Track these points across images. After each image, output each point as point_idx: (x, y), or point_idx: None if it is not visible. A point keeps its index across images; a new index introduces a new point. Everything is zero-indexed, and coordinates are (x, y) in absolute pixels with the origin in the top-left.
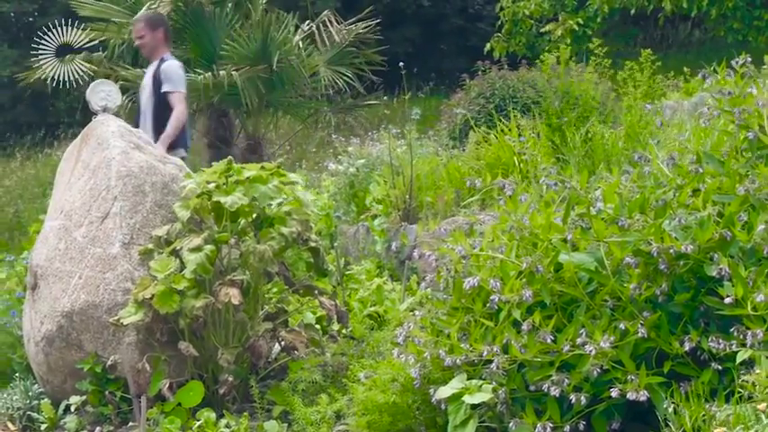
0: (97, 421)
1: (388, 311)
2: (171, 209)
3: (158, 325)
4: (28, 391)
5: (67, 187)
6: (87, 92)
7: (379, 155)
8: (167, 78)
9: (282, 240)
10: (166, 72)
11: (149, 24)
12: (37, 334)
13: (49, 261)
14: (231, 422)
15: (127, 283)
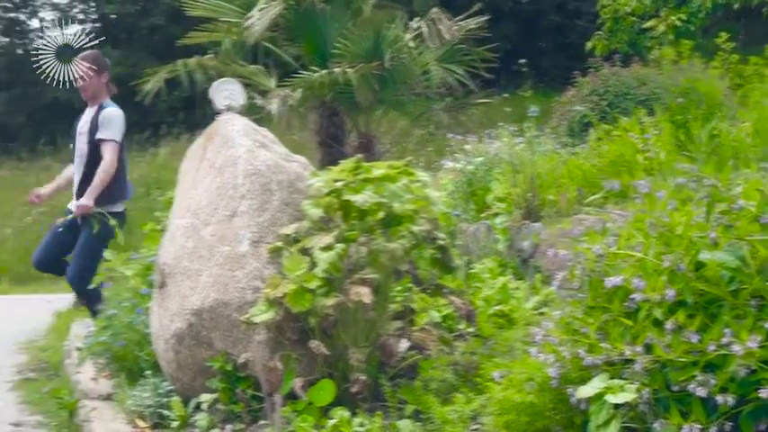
0: (228, 419)
1: (515, 310)
2: (297, 207)
3: (289, 323)
4: (158, 388)
5: (193, 186)
6: (211, 91)
7: (497, 152)
8: (105, 125)
9: (413, 239)
10: (106, 118)
11: (97, 66)
12: (166, 332)
13: (177, 259)
14: (364, 421)
15: (256, 281)
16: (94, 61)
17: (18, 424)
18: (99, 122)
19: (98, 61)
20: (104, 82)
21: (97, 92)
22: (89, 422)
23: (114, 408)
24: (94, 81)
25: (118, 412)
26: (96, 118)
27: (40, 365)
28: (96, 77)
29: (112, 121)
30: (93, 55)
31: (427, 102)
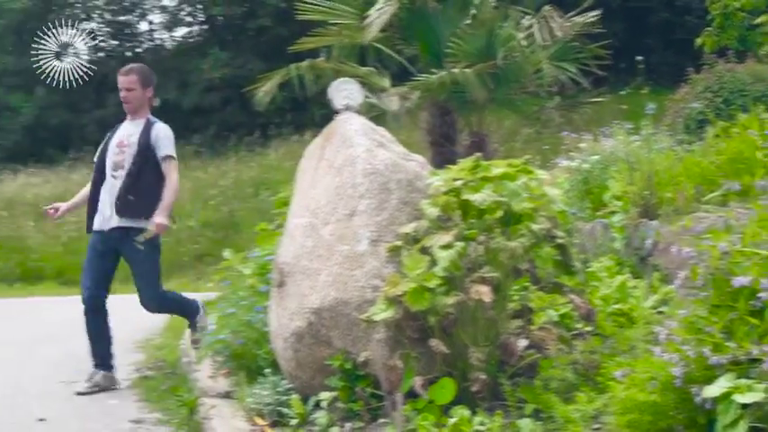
0: (347, 417)
1: (634, 309)
2: (416, 206)
3: (408, 322)
4: (277, 386)
5: (311, 185)
6: (330, 91)
7: (613, 150)
8: (165, 142)
9: (532, 237)
10: (164, 134)
11: (142, 79)
12: (285, 330)
13: (297, 258)
14: (485, 420)
15: (375, 280)
16: (140, 74)
17: (138, 421)
18: (155, 138)
19: (144, 75)
20: (148, 96)
21: (140, 105)
22: (209, 419)
23: (233, 405)
24: (138, 94)
25: (237, 410)
26: (148, 133)
27: (157, 364)
28: (141, 91)
29: (170, 138)
30: (140, 68)
31: (538, 100)
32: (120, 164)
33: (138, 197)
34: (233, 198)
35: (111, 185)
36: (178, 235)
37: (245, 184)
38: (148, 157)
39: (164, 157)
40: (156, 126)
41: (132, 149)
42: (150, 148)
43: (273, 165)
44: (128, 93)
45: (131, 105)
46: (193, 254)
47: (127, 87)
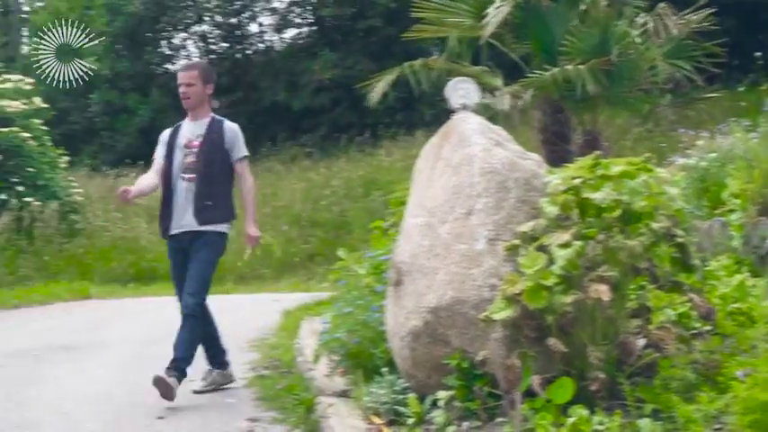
0: (464, 416)
1: (754, 308)
2: (533, 205)
3: (526, 321)
4: (393, 385)
5: (428, 185)
6: (446, 90)
7: (731, 148)
8: (238, 142)
9: (652, 236)
10: (235, 134)
11: (203, 75)
12: (402, 329)
13: (414, 257)
14: (603, 419)
15: (493, 279)
16: (201, 70)
17: (254, 419)
18: (231, 138)
19: (205, 71)
20: (208, 94)
21: (199, 102)
22: (326, 418)
23: (350, 404)
24: (198, 91)
25: (353, 409)
26: (220, 132)
27: (272, 363)
28: (201, 87)
29: (240, 138)
30: (201, 65)
31: (651, 98)
32: (191, 166)
33: (216, 201)
34: (344, 198)
35: (184, 189)
36: (289, 235)
37: (355, 184)
38: (221, 158)
39: (240, 158)
40: (228, 125)
41: (203, 150)
42: (222, 149)
43: (384, 165)
44: (188, 88)
45: (191, 101)
46: (304, 254)
47: (187, 83)
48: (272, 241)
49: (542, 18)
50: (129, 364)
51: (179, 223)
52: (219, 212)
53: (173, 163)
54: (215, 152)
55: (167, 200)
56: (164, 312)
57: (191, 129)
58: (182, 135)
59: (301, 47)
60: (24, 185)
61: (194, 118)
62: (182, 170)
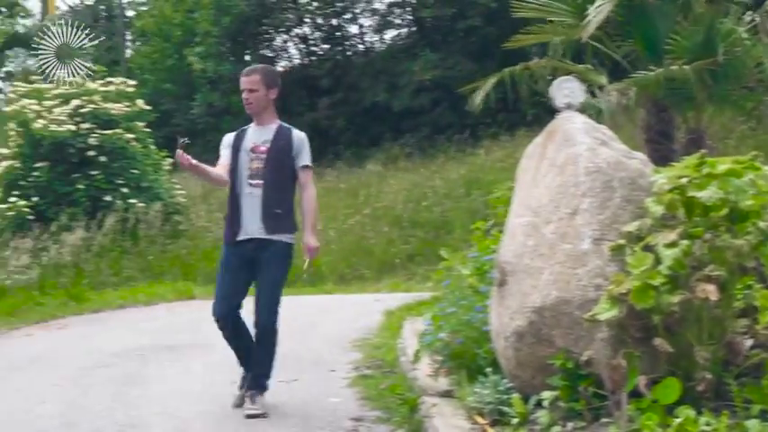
0: (568, 417)
1: None
2: (639, 204)
3: (632, 321)
4: (497, 385)
5: (533, 184)
6: (551, 89)
7: None
8: (307, 152)
9: (759, 235)
10: (303, 142)
11: (265, 80)
12: (506, 329)
13: (518, 257)
14: (711, 420)
15: (597, 278)
16: (264, 75)
17: (358, 419)
18: (298, 146)
19: (268, 75)
20: (272, 99)
21: (263, 107)
22: (430, 418)
23: (453, 404)
24: (261, 95)
25: (457, 408)
26: (287, 139)
27: (374, 362)
28: (264, 92)
29: (307, 146)
30: (263, 69)
31: (756, 95)
32: (257, 171)
33: (284, 210)
34: (444, 198)
35: (250, 195)
36: (390, 236)
37: (455, 184)
38: (286, 165)
39: (304, 166)
40: (296, 133)
41: (270, 156)
42: (290, 156)
43: (484, 165)
44: (250, 93)
45: (253, 106)
46: (405, 254)
47: (249, 88)
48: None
49: (646, 16)
50: (233, 364)
51: (246, 231)
52: (288, 222)
53: (237, 167)
54: (283, 158)
55: (234, 205)
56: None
57: (257, 134)
58: (247, 139)
59: (401, 47)
60: (128, 187)
61: (260, 123)
62: (248, 175)
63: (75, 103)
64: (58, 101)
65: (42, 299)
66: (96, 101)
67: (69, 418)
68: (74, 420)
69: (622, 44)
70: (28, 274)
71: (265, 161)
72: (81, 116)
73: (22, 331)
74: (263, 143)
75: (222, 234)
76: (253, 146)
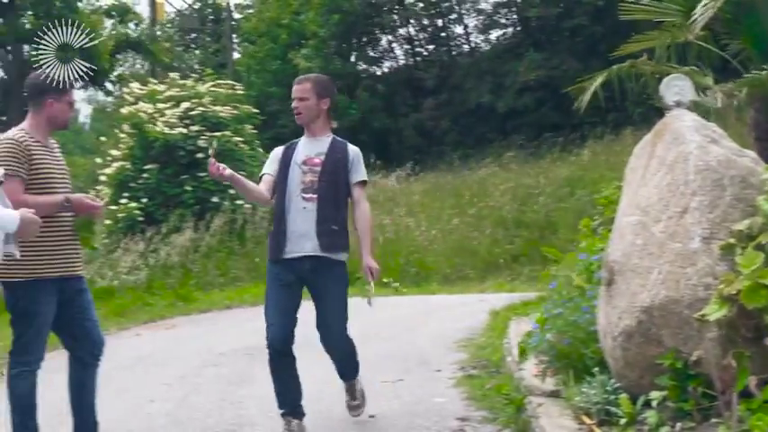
0: (677, 417)
1: None
2: (750, 202)
3: (743, 320)
4: (605, 385)
5: (642, 183)
6: (660, 88)
7: None
8: (362, 167)
9: None
10: (358, 157)
11: (317, 89)
12: (614, 329)
13: (626, 257)
14: None
15: (707, 278)
16: (316, 84)
17: (464, 419)
18: (353, 160)
19: (320, 84)
20: (324, 109)
21: (313, 117)
22: (536, 418)
23: (560, 404)
24: (311, 104)
25: (564, 408)
26: (343, 153)
27: (480, 362)
28: (314, 101)
29: (362, 161)
30: (315, 78)
31: None
32: (312, 185)
33: (340, 226)
34: (549, 198)
35: (303, 210)
36: (495, 236)
37: (560, 183)
38: (341, 180)
39: (359, 182)
40: (351, 147)
41: (326, 170)
42: (345, 170)
43: (589, 164)
44: (300, 102)
45: (303, 116)
46: (509, 254)
47: (300, 96)
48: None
49: (755, 14)
50: None
51: (297, 247)
52: (343, 239)
53: (287, 180)
54: (338, 172)
55: (281, 220)
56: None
57: (309, 146)
58: (299, 152)
59: (506, 47)
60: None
61: (312, 135)
62: (300, 189)
63: (184, 106)
64: (170, 103)
65: (151, 299)
66: (205, 103)
67: (178, 417)
68: (182, 419)
69: (730, 42)
70: (136, 275)
71: (320, 174)
72: (190, 118)
73: (131, 331)
74: (317, 155)
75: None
76: (305, 158)
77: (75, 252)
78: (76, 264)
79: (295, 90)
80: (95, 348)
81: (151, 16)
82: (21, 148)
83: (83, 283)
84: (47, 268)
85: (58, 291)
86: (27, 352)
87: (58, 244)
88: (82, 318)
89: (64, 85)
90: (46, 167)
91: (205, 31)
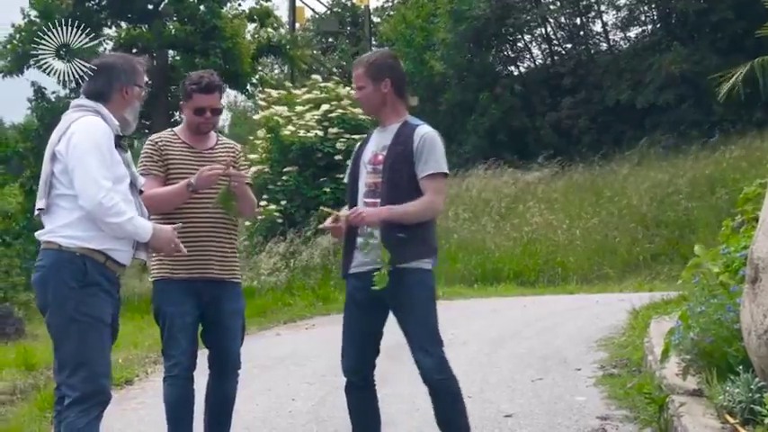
0: None
1: None
2: None
3: None
4: (749, 384)
5: None
6: None
7: None
8: (434, 156)
9: None
10: (432, 144)
11: (370, 72)
12: (759, 327)
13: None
14: None
15: None
16: (367, 67)
17: (605, 418)
18: (419, 148)
19: (372, 66)
20: (385, 92)
21: (377, 106)
22: (678, 417)
23: (703, 403)
24: (369, 92)
25: (707, 408)
26: (406, 141)
27: (620, 361)
28: (371, 87)
29: (438, 147)
30: (368, 59)
31: None
32: (374, 188)
33: (409, 232)
34: (688, 197)
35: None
36: (634, 235)
37: (700, 182)
38: (408, 175)
39: (428, 174)
40: (421, 131)
41: (387, 167)
42: (410, 162)
43: (730, 163)
44: (358, 92)
45: (365, 107)
46: (649, 253)
47: (357, 86)
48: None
49: None
50: (478, 362)
51: (363, 259)
52: (417, 245)
53: (357, 183)
54: (400, 167)
55: (351, 230)
56: (510, 313)
57: (377, 139)
58: (368, 148)
59: (646, 44)
60: None
61: (383, 125)
62: (365, 193)
63: (324, 108)
64: (308, 106)
65: (291, 300)
66: (344, 105)
67: (319, 415)
68: (323, 417)
69: None
70: (277, 276)
71: (382, 173)
72: (329, 121)
73: (272, 331)
74: (381, 150)
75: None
76: (371, 156)
77: (208, 254)
78: (211, 267)
79: (353, 78)
80: (223, 361)
81: (291, 20)
82: (155, 147)
83: (224, 288)
84: (176, 268)
85: (193, 294)
86: (166, 355)
87: (187, 245)
88: (216, 326)
89: (189, 90)
90: (182, 168)
91: (344, 34)
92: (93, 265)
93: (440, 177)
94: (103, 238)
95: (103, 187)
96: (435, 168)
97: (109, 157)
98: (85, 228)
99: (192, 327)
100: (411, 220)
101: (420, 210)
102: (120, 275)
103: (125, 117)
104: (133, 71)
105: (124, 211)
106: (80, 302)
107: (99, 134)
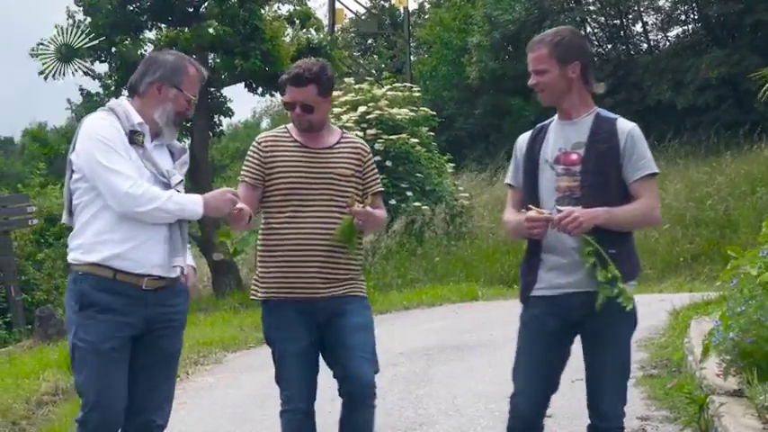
0: None
1: None
2: None
3: None
4: None
5: None
6: None
7: None
8: (644, 153)
9: None
10: (635, 141)
11: (557, 53)
12: None
13: None
14: None
15: None
16: (554, 47)
17: (645, 418)
18: (628, 148)
19: (561, 47)
20: (573, 77)
21: (561, 94)
22: (719, 417)
23: (743, 403)
24: (554, 78)
25: (747, 408)
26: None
27: (660, 362)
28: (557, 71)
29: (643, 144)
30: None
31: None
32: (569, 194)
33: (620, 248)
34: (728, 197)
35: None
36: (674, 235)
37: (740, 182)
38: (612, 179)
39: (643, 176)
40: (622, 125)
41: (588, 169)
42: (617, 164)
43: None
44: (538, 77)
45: (545, 95)
46: (689, 253)
47: (536, 69)
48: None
49: None
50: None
51: (558, 280)
52: (627, 263)
53: (536, 188)
54: (606, 171)
55: (535, 244)
56: None
57: (563, 134)
58: (549, 144)
59: (686, 44)
60: (413, 191)
61: (566, 116)
62: (554, 200)
63: (361, 110)
64: (346, 107)
65: None
66: (382, 107)
67: None
68: None
69: None
70: None
71: (581, 177)
72: (367, 122)
73: None
74: (574, 148)
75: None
76: (559, 154)
77: (311, 271)
78: (317, 284)
79: (529, 61)
80: (352, 385)
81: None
82: (256, 149)
83: (347, 302)
84: (281, 287)
85: (303, 315)
86: (279, 386)
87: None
88: (337, 345)
89: (282, 81)
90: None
91: (382, 36)
92: (97, 282)
93: (654, 179)
94: (105, 244)
95: (129, 177)
96: (650, 168)
97: (123, 151)
98: (90, 234)
99: (305, 353)
100: (629, 226)
101: (640, 215)
102: (153, 288)
103: (154, 119)
104: (176, 71)
105: (159, 194)
106: (79, 326)
107: (99, 129)
